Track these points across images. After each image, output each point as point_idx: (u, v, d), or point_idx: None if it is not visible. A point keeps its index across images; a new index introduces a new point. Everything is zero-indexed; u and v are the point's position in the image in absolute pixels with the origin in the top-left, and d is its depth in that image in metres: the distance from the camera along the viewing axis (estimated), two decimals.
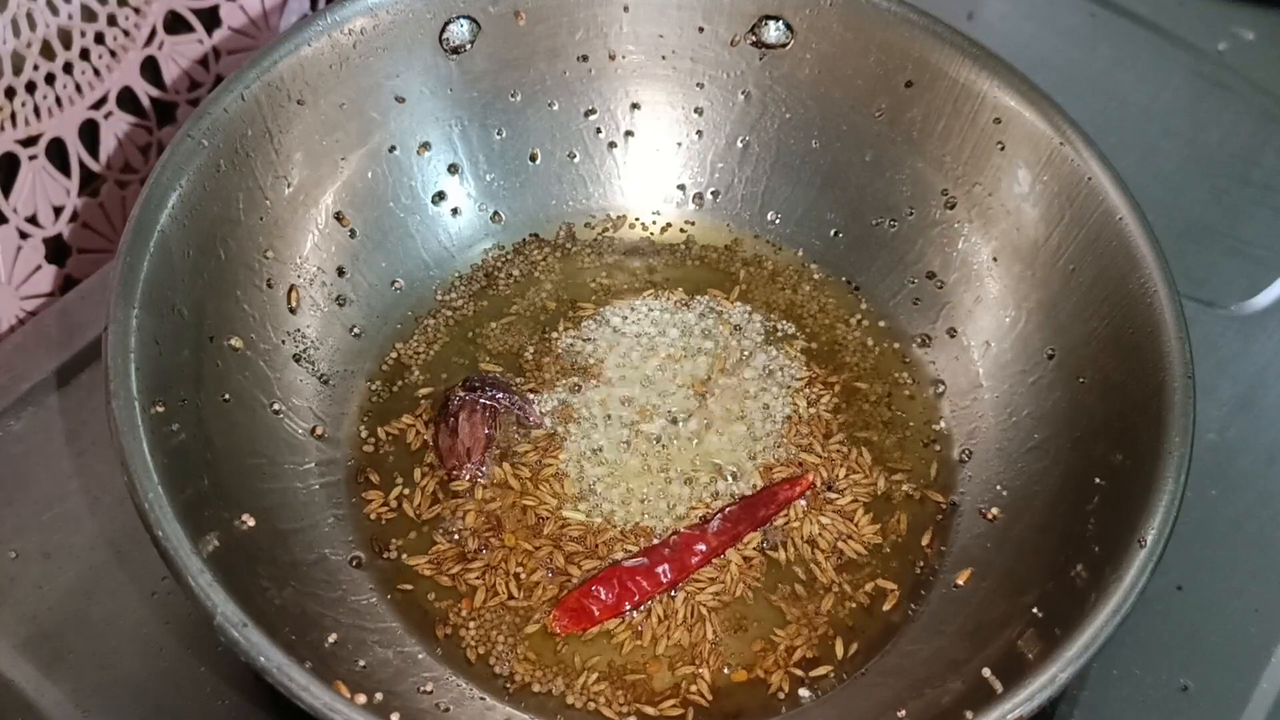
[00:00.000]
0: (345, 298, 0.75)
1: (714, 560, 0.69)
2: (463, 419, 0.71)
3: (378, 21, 0.73)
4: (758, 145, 0.81)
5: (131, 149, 0.86)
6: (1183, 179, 0.92)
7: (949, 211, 0.77)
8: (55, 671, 0.65)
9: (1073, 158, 0.71)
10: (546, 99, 0.80)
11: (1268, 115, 0.95)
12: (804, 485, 0.71)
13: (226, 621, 0.54)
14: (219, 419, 0.65)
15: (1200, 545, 0.71)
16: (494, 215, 0.80)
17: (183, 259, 0.65)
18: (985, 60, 0.74)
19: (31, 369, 0.74)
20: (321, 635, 0.61)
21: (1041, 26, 1.00)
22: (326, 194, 0.74)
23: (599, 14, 0.78)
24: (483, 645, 0.66)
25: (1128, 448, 0.64)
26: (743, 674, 0.66)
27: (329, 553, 0.67)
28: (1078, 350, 0.70)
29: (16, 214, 0.79)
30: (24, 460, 0.71)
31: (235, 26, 0.89)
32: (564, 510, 0.70)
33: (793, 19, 0.78)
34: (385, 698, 0.59)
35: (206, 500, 0.61)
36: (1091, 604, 0.58)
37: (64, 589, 0.67)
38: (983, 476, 0.72)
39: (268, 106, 0.70)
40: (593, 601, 0.66)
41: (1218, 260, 0.87)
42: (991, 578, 0.67)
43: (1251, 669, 0.69)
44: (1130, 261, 0.68)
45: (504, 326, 0.78)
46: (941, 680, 0.62)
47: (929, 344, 0.77)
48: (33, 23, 0.77)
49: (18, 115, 0.78)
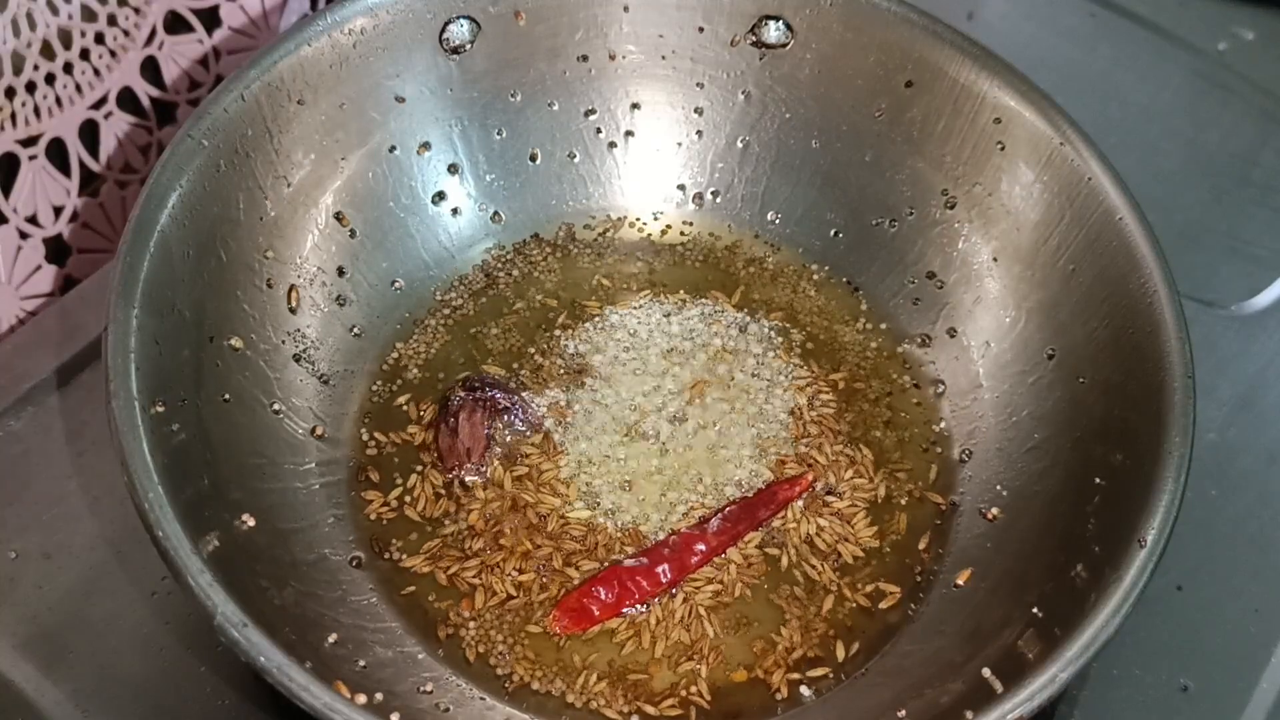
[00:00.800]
0: (345, 298, 0.75)
1: (714, 560, 0.69)
2: (463, 419, 0.71)
3: (378, 21, 0.73)
4: (758, 145, 0.81)
5: (131, 149, 0.86)
6: (1183, 179, 0.92)
7: (949, 211, 0.77)
8: (55, 671, 0.65)
9: (1073, 158, 0.71)
10: (546, 99, 0.80)
11: (1268, 115, 0.95)
12: (803, 485, 0.71)
13: (226, 621, 0.54)
14: (219, 419, 0.65)
15: (1200, 545, 0.71)
16: (494, 215, 0.80)
17: (183, 259, 0.65)
18: (985, 60, 0.74)
19: (31, 369, 0.74)
20: (321, 635, 0.61)
21: (1042, 26, 1.00)
22: (326, 194, 0.74)
23: (599, 14, 0.78)
24: (483, 645, 0.66)
25: (1128, 448, 0.64)
26: (743, 674, 0.66)
27: (329, 553, 0.67)
28: (1078, 350, 0.70)
29: (16, 214, 0.79)
30: (24, 460, 0.71)
31: (235, 26, 0.89)
32: (564, 510, 0.70)
33: (793, 19, 0.78)
34: (385, 698, 0.59)
35: (206, 500, 0.61)
36: (1091, 604, 0.58)
37: (64, 589, 0.67)
38: (983, 476, 0.72)
39: (268, 106, 0.70)
40: (593, 602, 0.66)
41: (1218, 260, 0.87)
42: (991, 578, 0.67)
43: (1251, 669, 0.69)
44: (1130, 261, 0.68)
45: (504, 326, 0.78)
46: (941, 680, 0.61)
47: (929, 344, 0.77)
48: (33, 23, 0.77)
49: (18, 115, 0.78)
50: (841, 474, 0.72)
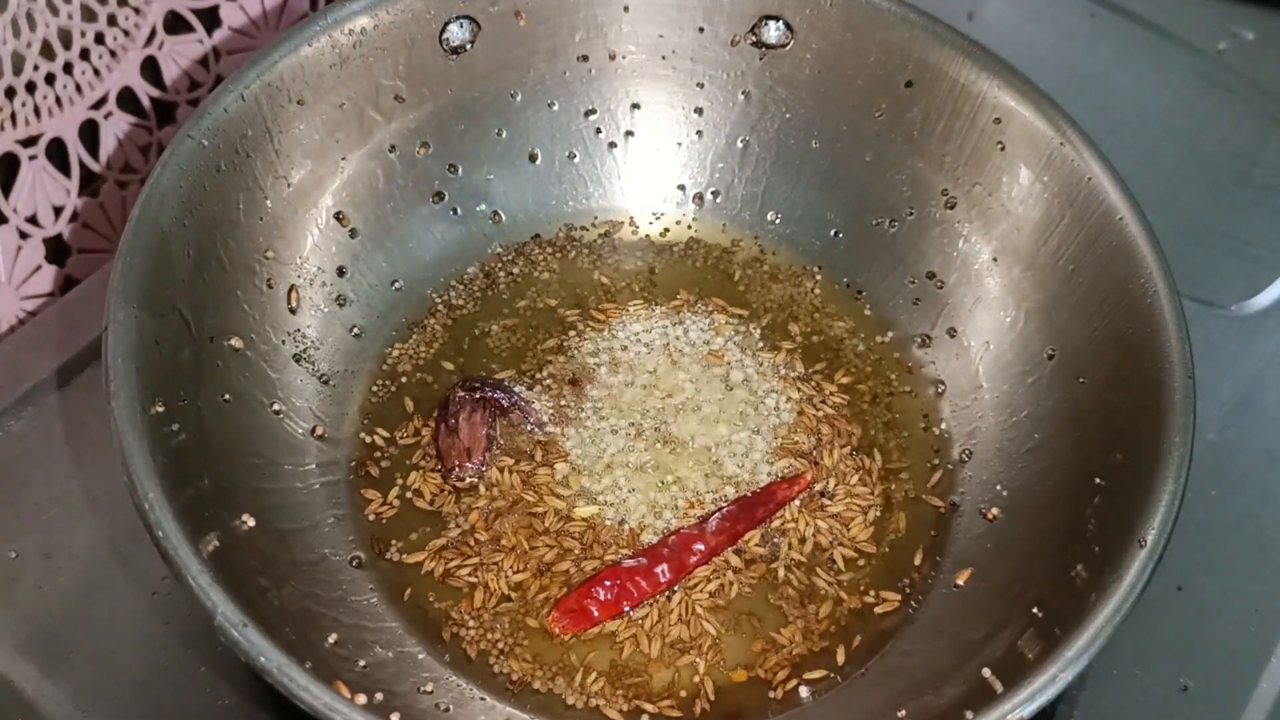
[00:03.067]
0: (345, 298, 0.75)
1: (713, 561, 0.69)
2: (463, 419, 0.71)
3: (378, 21, 0.73)
4: (758, 145, 0.81)
5: (132, 149, 0.86)
6: (1183, 179, 0.92)
7: (949, 212, 0.77)
8: (55, 671, 0.65)
9: (1073, 158, 0.71)
10: (546, 99, 0.80)
11: (1268, 115, 0.95)
12: (802, 485, 0.71)
13: (226, 621, 0.54)
14: (219, 419, 0.65)
15: (1200, 545, 0.71)
16: (494, 215, 0.80)
17: (183, 259, 0.65)
18: (985, 60, 0.74)
19: (31, 369, 0.74)
20: (321, 635, 0.61)
21: (1041, 27, 1.00)
22: (327, 194, 0.74)
23: (599, 14, 0.78)
24: (483, 645, 0.66)
25: (1128, 448, 0.64)
26: (743, 674, 0.66)
27: (329, 553, 0.67)
28: (1078, 350, 0.70)
29: (16, 214, 0.79)
30: (24, 460, 0.71)
31: (235, 26, 0.89)
32: (563, 510, 0.70)
33: (793, 19, 0.78)
34: (385, 698, 0.59)
35: (206, 500, 0.61)
36: (1092, 604, 0.58)
37: (64, 589, 0.67)
38: (983, 477, 0.72)
39: (268, 106, 0.70)
40: (592, 602, 0.66)
41: (1218, 260, 0.87)
42: (991, 578, 0.67)
43: (1252, 669, 0.69)
44: (1130, 261, 0.68)
45: (504, 327, 0.78)
46: (942, 680, 0.61)
47: (929, 344, 0.77)
48: (33, 23, 0.77)
49: (18, 115, 0.78)
50: (841, 474, 0.72)
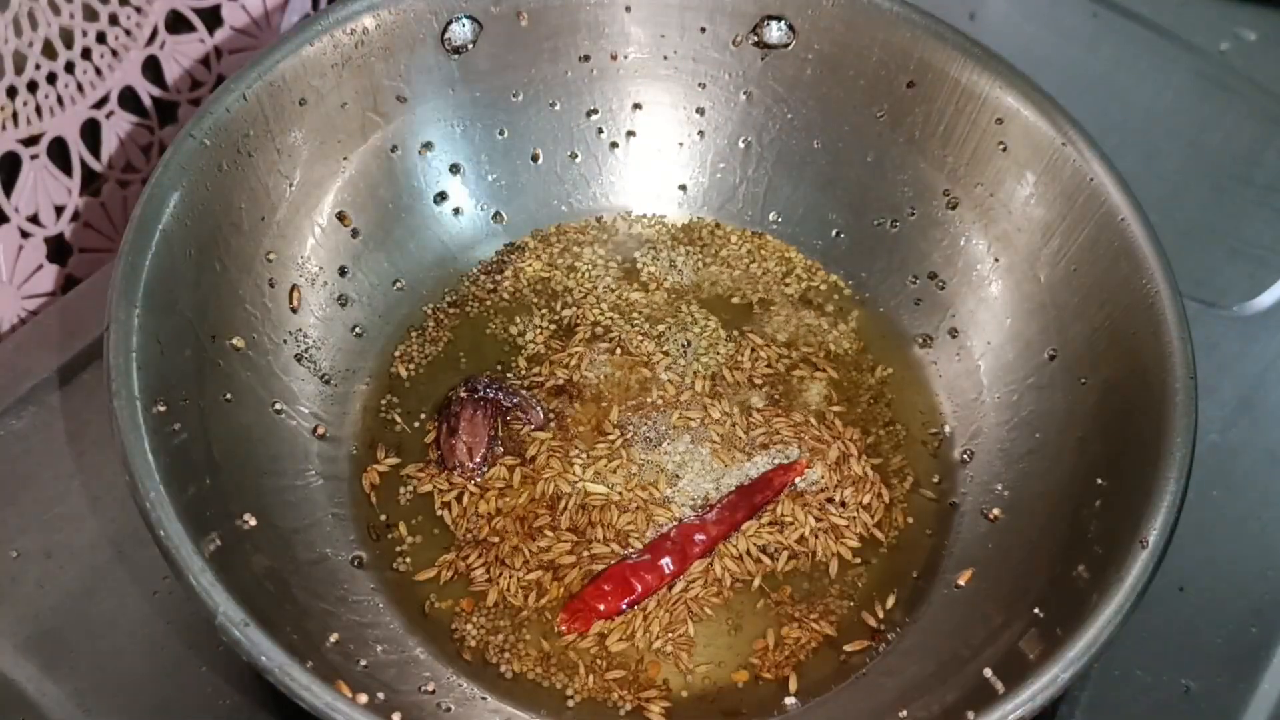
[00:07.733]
0: (347, 298, 0.75)
1: (713, 562, 0.69)
2: (463, 419, 0.71)
3: (379, 21, 0.73)
4: (759, 145, 0.81)
5: (133, 148, 0.86)
6: (1185, 179, 0.92)
7: (951, 212, 0.77)
8: (56, 671, 0.65)
9: (1075, 158, 0.71)
10: (548, 99, 0.80)
11: (1270, 116, 0.95)
12: (798, 470, 0.71)
13: (228, 621, 0.54)
14: (221, 419, 0.65)
15: (1202, 546, 0.71)
16: (495, 215, 0.80)
17: (184, 259, 0.65)
18: (987, 61, 0.74)
19: (33, 368, 0.74)
20: (323, 635, 0.61)
21: (1043, 27, 1.00)
22: (328, 194, 0.74)
23: (601, 14, 0.78)
24: (483, 643, 0.66)
25: (1129, 448, 0.64)
26: (743, 674, 0.66)
27: (330, 552, 0.67)
28: (1079, 351, 0.70)
29: (18, 213, 0.79)
30: (25, 459, 0.71)
31: (237, 26, 0.89)
32: (564, 509, 0.70)
33: (794, 19, 0.78)
34: (387, 697, 0.59)
35: (208, 500, 0.61)
36: (1093, 604, 0.58)
37: (65, 588, 0.67)
38: (984, 477, 0.72)
39: (270, 106, 0.70)
40: (599, 599, 0.66)
41: (1220, 261, 0.87)
42: (993, 578, 0.67)
43: (1253, 670, 0.69)
44: (1132, 262, 0.68)
45: (505, 327, 0.78)
46: (942, 680, 0.62)
47: (930, 344, 0.77)
48: (34, 22, 0.77)
49: (19, 114, 0.78)
50: (842, 474, 0.72)
